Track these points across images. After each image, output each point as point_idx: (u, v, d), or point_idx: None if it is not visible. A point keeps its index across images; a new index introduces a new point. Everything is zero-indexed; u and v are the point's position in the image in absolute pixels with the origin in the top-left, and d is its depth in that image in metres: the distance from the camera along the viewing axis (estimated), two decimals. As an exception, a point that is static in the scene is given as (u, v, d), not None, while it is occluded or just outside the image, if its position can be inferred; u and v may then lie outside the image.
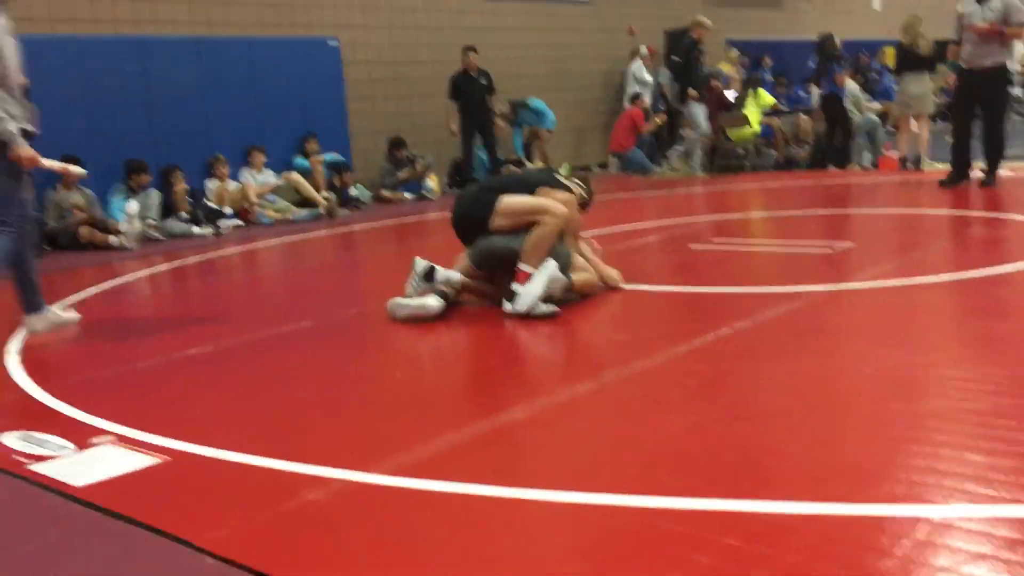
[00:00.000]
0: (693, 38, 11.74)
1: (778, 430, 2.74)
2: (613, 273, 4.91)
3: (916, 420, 2.71)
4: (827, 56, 11.14)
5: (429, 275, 4.55)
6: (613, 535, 2.13)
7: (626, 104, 13.32)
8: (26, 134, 4.56)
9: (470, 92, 11.14)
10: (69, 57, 8.76)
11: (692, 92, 11.68)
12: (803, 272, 5.21)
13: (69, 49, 8.78)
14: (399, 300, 4.49)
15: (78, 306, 5.64)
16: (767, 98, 12.47)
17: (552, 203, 4.55)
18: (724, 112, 12.13)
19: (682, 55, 11.88)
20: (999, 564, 1.86)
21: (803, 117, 12.79)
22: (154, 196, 8.85)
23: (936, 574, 1.85)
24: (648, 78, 13.49)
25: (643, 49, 13.61)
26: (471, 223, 4.68)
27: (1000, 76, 8.11)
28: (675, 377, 3.32)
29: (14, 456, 2.89)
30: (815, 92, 11.82)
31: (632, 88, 13.38)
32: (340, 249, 8.00)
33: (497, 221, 4.55)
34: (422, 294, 4.52)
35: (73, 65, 8.79)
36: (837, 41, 11.30)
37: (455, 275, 4.62)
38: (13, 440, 3.04)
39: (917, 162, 10.30)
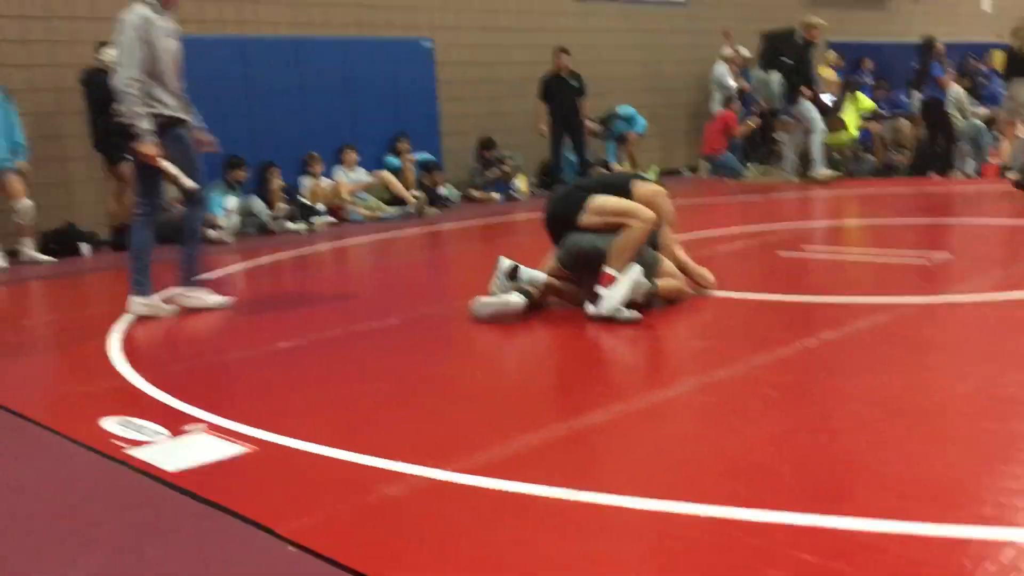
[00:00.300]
0: (806, 39, 11.32)
1: (862, 445, 2.68)
2: (705, 273, 4.87)
3: (1009, 440, 2.62)
4: (929, 59, 10.78)
5: (513, 274, 4.59)
6: (687, 544, 2.12)
7: (716, 107, 13.14)
8: (179, 122, 5.12)
9: (561, 94, 11.15)
10: (175, 57, 9.10)
11: (806, 90, 11.15)
12: (896, 283, 5.07)
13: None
14: (482, 298, 4.54)
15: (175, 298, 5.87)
16: (866, 102, 12.13)
17: (641, 207, 4.53)
18: (823, 115, 11.83)
19: (793, 56, 11.35)
20: (1090, 595, 1.79)
21: (904, 122, 12.40)
22: (257, 203, 9.11)
23: (1022, 602, 1.79)
24: (732, 83, 13.28)
25: (726, 51, 13.40)
26: (561, 219, 4.70)
27: None
28: (757, 387, 3.28)
29: (112, 440, 3.04)
30: (916, 96, 11.45)
31: (715, 91, 13.22)
32: (428, 247, 8.11)
33: (586, 218, 4.57)
34: (505, 292, 4.56)
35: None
36: (940, 44, 10.92)
37: (540, 275, 4.65)
38: (113, 425, 3.19)
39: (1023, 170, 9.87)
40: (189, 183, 5.08)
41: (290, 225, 9.02)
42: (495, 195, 11.28)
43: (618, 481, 2.53)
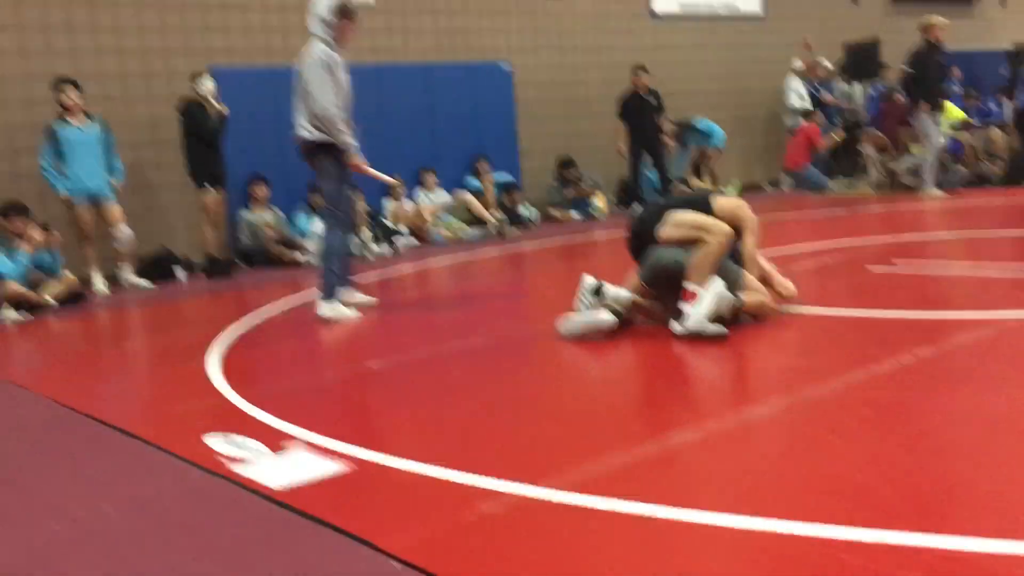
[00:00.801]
0: (928, 41, 10.49)
1: (965, 464, 2.62)
2: (787, 283, 4.82)
3: (1123, 460, 2.53)
4: (1020, 66, 10.46)
5: (598, 292, 4.60)
6: (788, 562, 2.10)
7: (794, 121, 12.96)
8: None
9: (639, 112, 11.17)
10: (263, 86, 9.41)
11: (924, 104, 10.40)
12: (994, 297, 4.92)
13: (263, 78, 9.44)
14: (571, 316, 4.57)
15: (273, 319, 6.05)
16: (955, 112, 11.82)
17: (717, 222, 4.52)
18: (907, 128, 11.58)
19: (913, 63, 10.60)
20: None
21: (996, 131, 12.04)
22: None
23: None
24: (802, 96, 13.08)
25: (797, 64, 13.20)
26: (641, 235, 4.73)
27: None
28: (853, 405, 3.22)
29: (217, 457, 3.15)
30: (1008, 105, 11.10)
31: (792, 104, 13.04)
32: (510, 268, 8.18)
33: (664, 231, 4.58)
34: (592, 309, 4.58)
35: (266, 93, 9.43)
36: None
37: (624, 293, 4.66)
38: (216, 442, 3.30)
39: None
40: (392, 180, 6.37)
41: (374, 247, 9.20)
42: (574, 214, 11.32)
43: (715, 499, 2.52)
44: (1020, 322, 4.25)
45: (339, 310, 5.72)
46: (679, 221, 4.58)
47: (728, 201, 4.79)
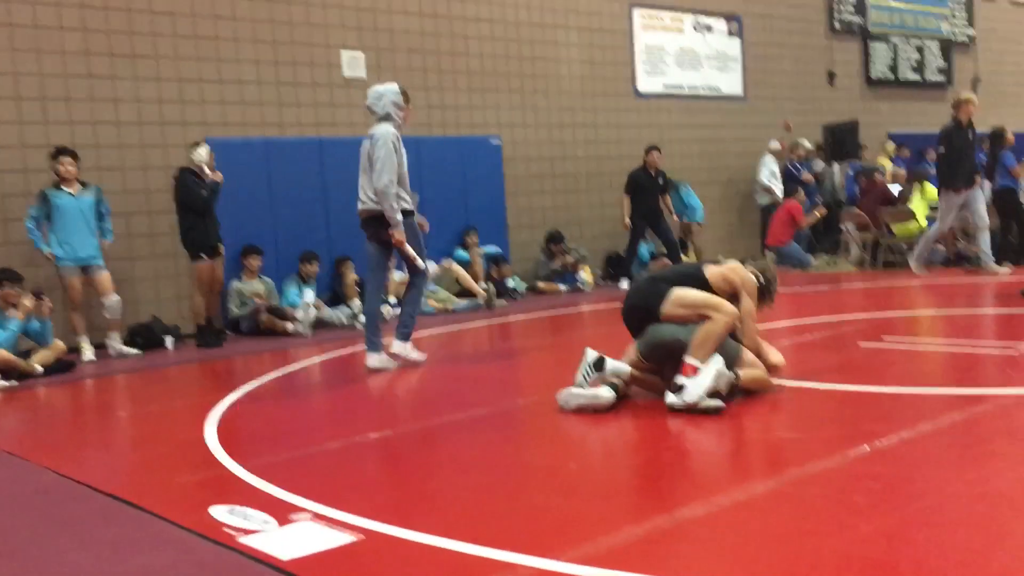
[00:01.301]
0: (957, 119, 10.07)
1: (977, 541, 2.64)
2: (778, 355, 4.88)
3: None
4: (999, 148, 10.77)
5: (599, 365, 4.64)
6: (812, 639, 2.10)
7: (764, 199, 13.23)
8: (411, 213, 6.43)
9: (647, 188, 11.49)
10: (258, 157, 9.53)
11: (957, 183, 9.94)
12: (986, 374, 5.00)
13: (258, 150, 9.56)
14: (572, 390, 4.59)
15: (263, 387, 6.03)
16: (934, 192, 12.10)
17: (723, 301, 4.59)
18: (888, 207, 11.85)
19: (945, 142, 10.08)
20: None
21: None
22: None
23: None
24: (778, 173, 13.41)
25: (774, 144, 13.55)
26: (641, 312, 4.77)
27: None
28: (859, 480, 3.25)
29: (224, 528, 3.12)
30: (987, 186, 11.40)
31: (763, 181, 13.36)
32: (499, 339, 8.21)
33: (667, 309, 4.63)
34: (593, 384, 4.60)
35: (260, 164, 9.55)
36: (1010, 133, 10.93)
37: (624, 367, 4.69)
38: (222, 513, 3.27)
39: None
40: (421, 264, 6.47)
41: (363, 318, 9.19)
42: (561, 287, 11.42)
43: (727, 572, 2.52)
44: (1014, 398, 4.31)
45: (384, 360, 6.38)
46: (685, 300, 4.63)
47: (719, 267, 4.87)
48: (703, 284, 4.74)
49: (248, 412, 5.29)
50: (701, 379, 4.35)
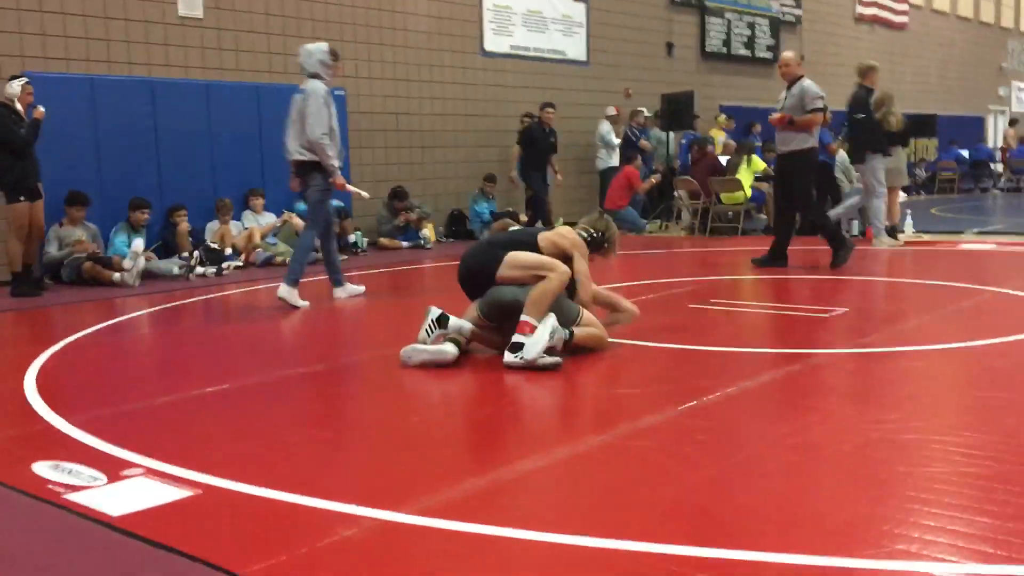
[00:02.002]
0: (865, 86, 10.22)
1: (792, 487, 2.86)
2: (632, 306, 5.22)
3: (922, 482, 2.83)
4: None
5: (443, 321, 4.67)
6: (643, 580, 2.22)
7: (601, 164, 13.63)
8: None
9: (541, 144, 11.76)
10: (82, 95, 8.92)
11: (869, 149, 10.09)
12: (803, 335, 5.36)
13: (82, 88, 8.95)
14: (416, 346, 4.60)
15: (88, 339, 5.73)
16: (759, 163, 12.78)
17: (556, 262, 4.72)
18: (716, 176, 12.41)
19: (864, 108, 10.09)
20: (1013, 619, 1.97)
21: (793, 184, 13.05)
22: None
23: (953, 626, 1.95)
24: (615, 140, 13.83)
25: (610, 110, 13.96)
26: (478, 277, 4.84)
27: (802, 160, 8.18)
28: (687, 432, 3.44)
29: (50, 486, 2.96)
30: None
31: (600, 148, 13.77)
32: (341, 294, 8.08)
33: (503, 272, 4.73)
34: (436, 340, 4.63)
35: (85, 103, 8.95)
36: (828, 112, 11.62)
37: (466, 324, 4.75)
38: (45, 469, 3.10)
39: (893, 232, 10.57)
40: (365, 193, 7.69)
41: (198, 269, 8.86)
42: (403, 243, 11.36)
43: (563, 521, 2.62)
44: (827, 357, 4.66)
45: (295, 297, 6.78)
46: (518, 262, 4.75)
47: (549, 233, 5.03)
48: (535, 249, 4.88)
49: (71, 365, 5.02)
50: (537, 337, 4.46)
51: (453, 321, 4.70)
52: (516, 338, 4.50)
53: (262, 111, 10.34)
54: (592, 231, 5.20)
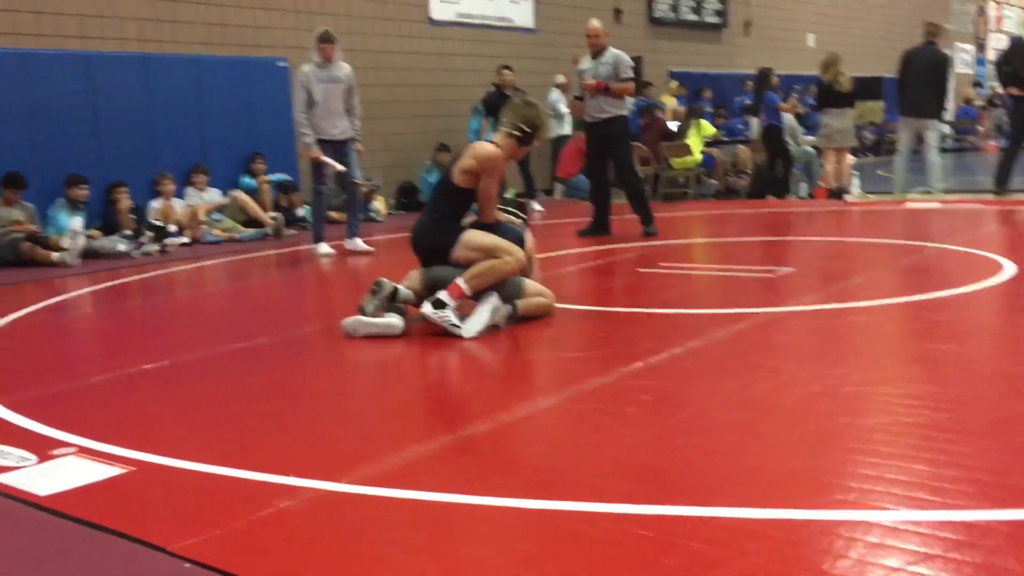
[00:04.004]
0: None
1: (735, 442, 2.86)
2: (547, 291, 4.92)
3: (862, 433, 2.86)
4: (765, 88, 11.50)
5: (394, 296, 4.58)
6: (583, 539, 2.21)
7: (553, 132, 13.54)
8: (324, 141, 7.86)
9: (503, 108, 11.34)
10: (12, 71, 8.63)
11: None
12: (748, 295, 5.39)
13: (12, 63, 8.65)
14: (361, 318, 4.52)
15: (24, 320, 5.58)
16: (709, 128, 12.80)
17: (513, 246, 4.63)
18: (666, 142, 12.42)
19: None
20: (947, 564, 1.99)
21: (742, 148, 13.14)
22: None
23: (889, 574, 1.96)
24: (564, 109, 13.75)
25: (559, 78, 13.86)
26: (433, 250, 4.73)
27: (620, 126, 8.25)
28: (633, 393, 3.43)
29: (-26, 467, 2.87)
30: (755, 124, 12.17)
31: (551, 117, 13.66)
32: (288, 268, 7.98)
33: (459, 254, 4.62)
34: (380, 313, 4.56)
35: (16, 79, 8.66)
36: (775, 76, 11.69)
37: (409, 293, 4.68)
38: (-28, 451, 3.01)
39: (840, 193, 10.70)
40: (339, 167, 8.02)
41: (144, 247, 8.65)
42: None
43: (508, 485, 2.60)
44: (771, 316, 4.68)
45: (324, 249, 7.99)
46: (475, 243, 4.62)
47: (458, 163, 4.72)
48: (455, 191, 4.69)
49: (5, 347, 4.88)
50: (478, 318, 4.41)
51: (401, 293, 4.64)
52: (442, 295, 4.44)
53: (202, 84, 10.10)
54: (521, 126, 4.81)
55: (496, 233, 4.62)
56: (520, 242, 4.72)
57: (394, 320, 4.52)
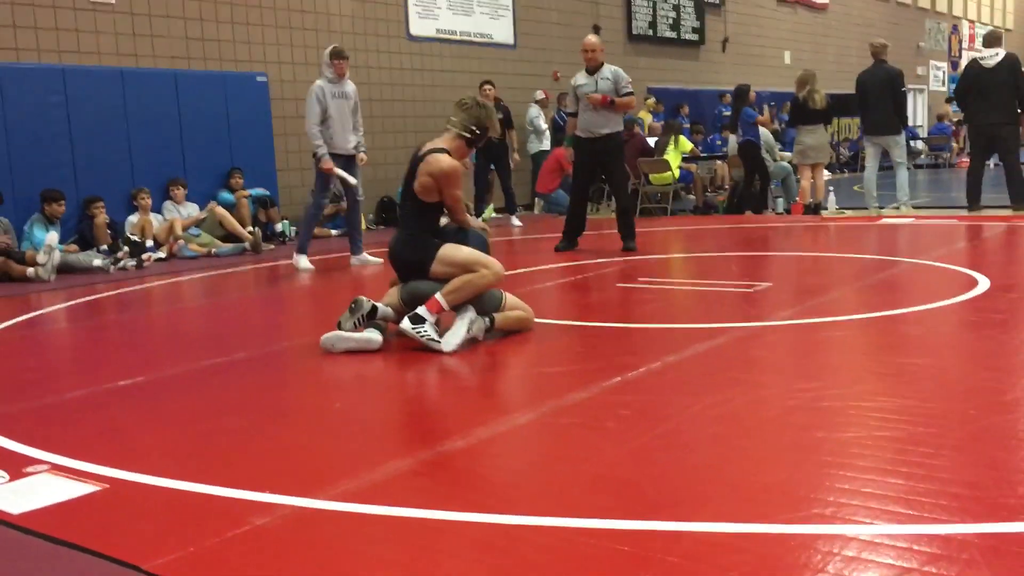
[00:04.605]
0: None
1: (713, 457, 2.86)
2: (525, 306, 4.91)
3: (839, 447, 2.87)
4: (743, 104, 11.59)
5: (373, 314, 4.58)
6: (560, 555, 2.20)
7: (534, 148, 13.58)
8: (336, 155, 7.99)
9: None
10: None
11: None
12: (727, 310, 5.41)
13: (-12, 76, 8.60)
14: (340, 334, 4.50)
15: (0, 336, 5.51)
16: (686, 144, 12.89)
17: (491, 260, 4.63)
18: (645, 158, 12.48)
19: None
20: (923, 576, 2.00)
21: (720, 164, 13.23)
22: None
23: (866, 586, 1.97)
24: (543, 125, 13.82)
25: (538, 94, 13.92)
26: (411, 265, 4.72)
27: (618, 142, 8.32)
28: (611, 408, 3.43)
29: (-56, 485, 2.82)
30: (732, 139, 12.27)
31: (531, 132, 13.74)
32: (266, 284, 7.95)
33: (436, 269, 4.61)
34: (358, 329, 4.54)
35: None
36: (752, 92, 11.79)
37: (388, 310, 4.68)
38: (-58, 469, 2.96)
39: (817, 208, 10.80)
40: (352, 180, 8.17)
41: (121, 262, 8.58)
42: (332, 231, 11.19)
43: (486, 501, 2.59)
44: (748, 331, 4.70)
45: (304, 263, 8.00)
46: (453, 259, 4.59)
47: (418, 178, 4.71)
48: (422, 207, 4.66)
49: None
50: (456, 331, 4.42)
51: (380, 310, 4.63)
52: (421, 310, 4.44)
53: (180, 99, 10.06)
54: (472, 128, 4.78)
55: (462, 240, 4.62)
56: (486, 247, 4.73)
57: (372, 335, 4.50)
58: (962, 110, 10.56)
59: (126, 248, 8.70)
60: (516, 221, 11.79)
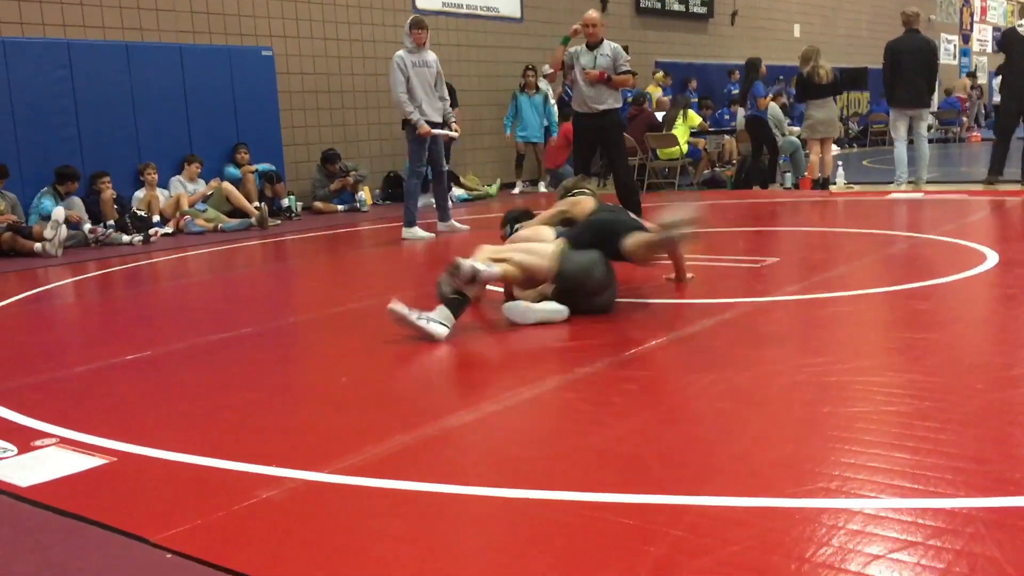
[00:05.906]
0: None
1: (718, 431, 2.86)
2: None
3: (846, 422, 2.86)
4: (754, 78, 11.51)
5: (474, 277, 4.30)
6: (567, 528, 2.20)
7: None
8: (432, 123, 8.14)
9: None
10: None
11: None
12: (734, 285, 5.40)
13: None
14: (532, 305, 4.47)
15: (5, 310, 5.54)
16: (695, 119, 12.81)
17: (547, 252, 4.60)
18: (652, 132, 12.41)
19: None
20: (928, 551, 1.99)
21: (728, 138, 13.15)
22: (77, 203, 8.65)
23: (870, 561, 1.97)
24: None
25: (546, 68, 13.82)
26: (608, 235, 4.75)
27: (614, 119, 8.16)
28: (618, 383, 3.43)
29: (-47, 458, 2.84)
30: (740, 114, 12.18)
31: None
32: (272, 259, 7.95)
33: (630, 247, 4.63)
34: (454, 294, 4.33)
35: (-2, 67, 8.59)
36: (763, 66, 11.69)
37: (497, 270, 4.44)
38: (-49, 442, 2.98)
39: (825, 183, 10.74)
40: (452, 133, 8.48)
41: (124, 237, 8.61)
42: (339, 207, 11.19)
43: (492, 474, 2.60)
44: (755, 306, 4.69)
45: (420, 233, 8.10)
46: (641, 243, 4.64)
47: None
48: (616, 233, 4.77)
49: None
50: (535, 313, 4.42)
51: (484, 274, 4.32)
52: (461, 260, 4.26)
53: (186, 73, 10.03)
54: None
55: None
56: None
57: (554, 306, 4.46)
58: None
59: (156, 227, 8.76)
60: (543, 187, 12.70)
